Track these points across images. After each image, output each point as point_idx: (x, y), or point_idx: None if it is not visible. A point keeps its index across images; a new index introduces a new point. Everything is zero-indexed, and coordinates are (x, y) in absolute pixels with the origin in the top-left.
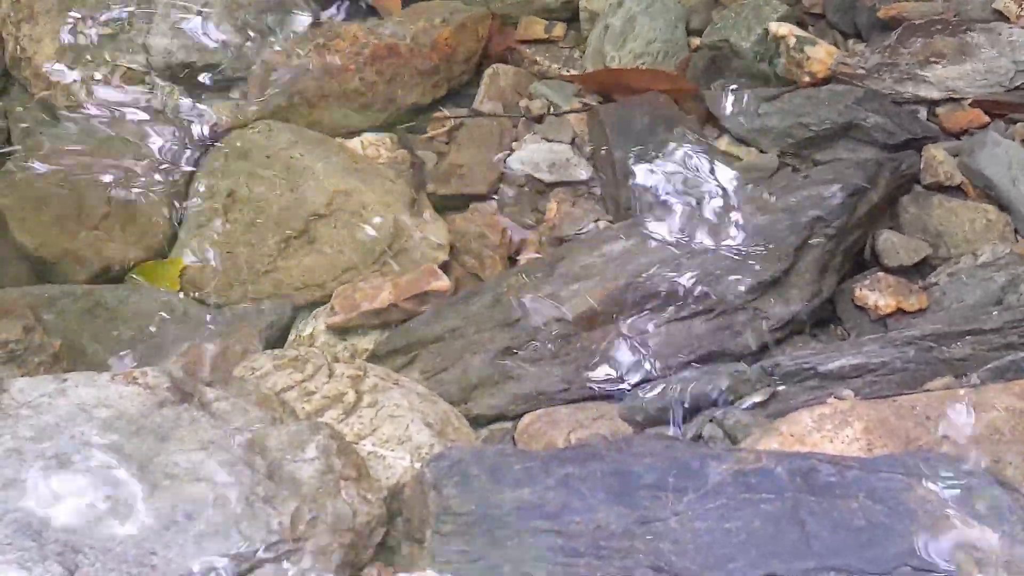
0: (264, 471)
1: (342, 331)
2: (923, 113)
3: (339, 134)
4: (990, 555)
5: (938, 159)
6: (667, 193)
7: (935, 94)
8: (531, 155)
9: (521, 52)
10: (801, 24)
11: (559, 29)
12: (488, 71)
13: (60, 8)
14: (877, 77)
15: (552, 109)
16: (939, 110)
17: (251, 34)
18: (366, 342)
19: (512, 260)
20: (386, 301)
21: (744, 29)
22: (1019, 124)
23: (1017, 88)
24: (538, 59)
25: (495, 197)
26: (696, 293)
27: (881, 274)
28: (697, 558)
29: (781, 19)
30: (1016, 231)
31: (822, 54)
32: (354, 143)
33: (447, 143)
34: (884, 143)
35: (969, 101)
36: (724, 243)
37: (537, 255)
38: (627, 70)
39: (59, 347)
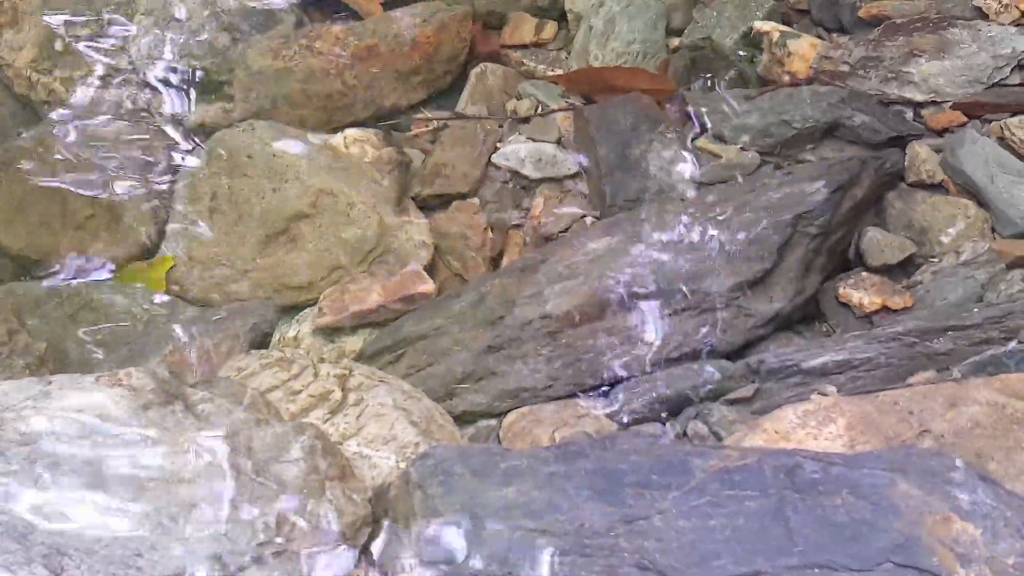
0: (250, 472)
1: (330, 332)
2: (909, 114)
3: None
4: (972, 551)
5: (921, 156)
6: (650, 191)
7: (919, 96)
8: (516, 151)
9: (508, 55)
10: (786, 20)
11: (549, 30)
12: (475, 70)
13: (43, 9)
14: (863, 75)
15: (540, 108)
16: (924, 111)
17: (235, 36)
18: (353, 342)
19: (495, 260)
20: (375, 303)
21: (727, 27)
22: (994, 123)
23: (995, 85)
24: (525, 60)
25: (476, 196)
26: (681, 291)
27: (865, 273)
28: (681, 556)
29: (767, 16)
30: (993, 228)
31: (805, 47)
32: (337, 139)
33: (432, 142)
34: (869, 141)
35: (950, 104)
36: (708, 241)
37: (521, 255)
38: (608, 68)
39: (45, 350)
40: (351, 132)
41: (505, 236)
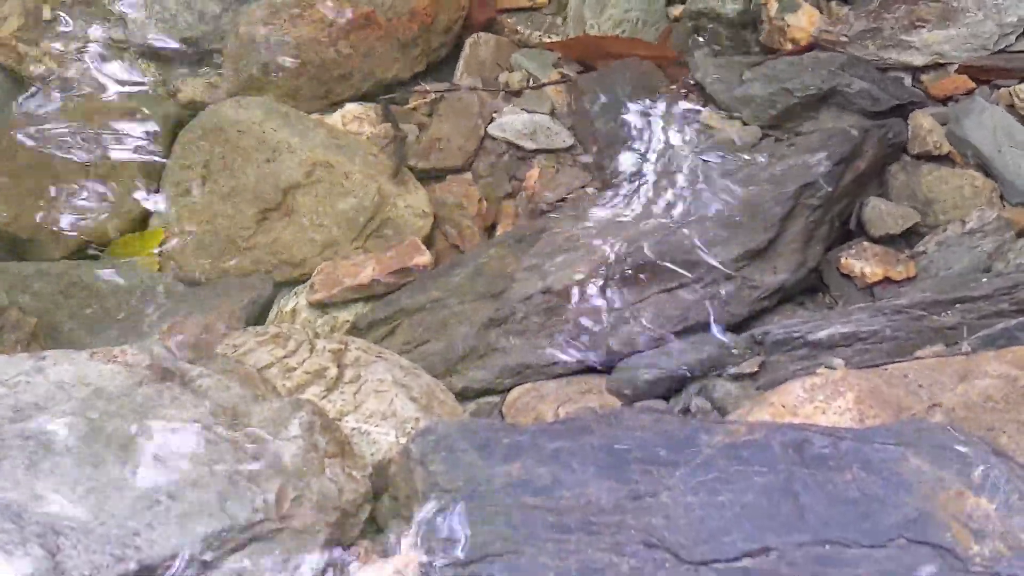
0: (247, 449)
1: (323, 307)
2: (908, 80)
3: (318, 107)
4: (986, 526)
5: (926, 127)
6: (650, 162)
7: (920, 60)
8: (512, 122)
9: (503, 21)
10: None
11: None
12: (469, 40)
13: None
14: (860, 43)
15: (531, 81)
16: (924, 76)
17: (226, 5)
18: (347, 315)
19: (491, 230)
20: (368, 277)
21: None
22: (1003, 89)
23: (1001, 51)
24: (520, 28)
25: (471, 169)
26: (683, 263)
27: (867, 243)
28: (689, 533)
29: None
30: (1002, 197)
31: (804, 21)
32: (335, 116)
33: (428, 115)
34: (869, 110)
35: (955, 67)
36: (709, 213)
37: (518, 225)
38: (607, 38)
39: (35, 325)
40: (350, 108)
41: (499, 206)
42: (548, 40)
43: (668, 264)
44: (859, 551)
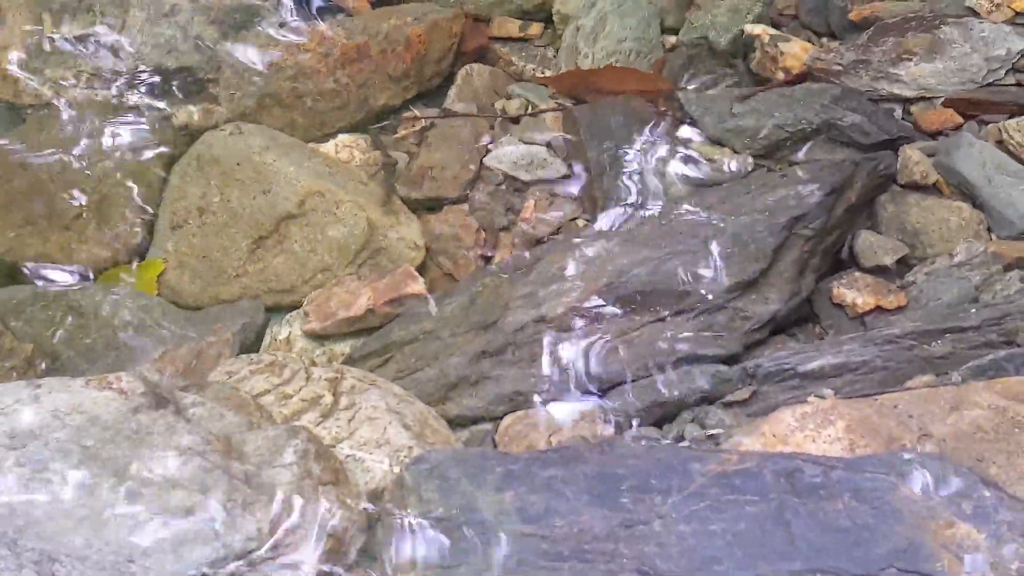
0: (242, 477)
1: (318, 337)
2: (898, 112)
3: (313, 136)
4: (976, 556)
5: (914, 159)
6: (642, 193)
7: (908, 92)
8: (508, 153)
9: (496, 51)
10: (775, 25)
11: (535, 28)
12: (462, 71)
13: (29, 7)
14: (854, 73)
15: (530, 108)
16: (913, 109)
17: (222, 35)
18: (343, 347)
19: (487, 260)
20: (363, 308)
21: (721, 28)
22: (992, 125)
23: (989, 85)
24: (514, 59)
25: (467, 200)
26: (676, 294)
27: (858, 274)
28: (681, 561)
29: (756, 20)
30: (990, 229)
31: (797, 50)
32: (328, 146)
33: (418, 144)
34: (860, 143)
35: (941, 100)
36: (701, 244)
37: (513, 255)
38: (599, 70)
39: (31, 352)
40: (343, 137)
41: (496, 238)
42: (541, 75)
43: (660, 294)
44: None
